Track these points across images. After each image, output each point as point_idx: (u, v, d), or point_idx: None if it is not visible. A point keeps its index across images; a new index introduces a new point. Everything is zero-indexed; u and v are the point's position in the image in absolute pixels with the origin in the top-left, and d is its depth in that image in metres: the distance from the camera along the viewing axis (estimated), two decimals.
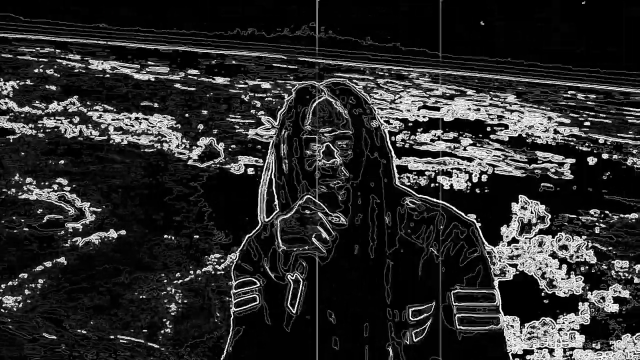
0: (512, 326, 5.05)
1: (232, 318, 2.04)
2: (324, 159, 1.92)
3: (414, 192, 2.07)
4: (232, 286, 2.06)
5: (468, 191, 5.36)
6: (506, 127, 5.58)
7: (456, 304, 1.87)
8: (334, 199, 1.90)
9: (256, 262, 2.02)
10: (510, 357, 1.94)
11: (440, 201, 2.05)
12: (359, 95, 2.05)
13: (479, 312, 1.90)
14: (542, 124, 5.58)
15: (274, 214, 2.01)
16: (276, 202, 2.06)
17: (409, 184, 5.35)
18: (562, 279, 5.19)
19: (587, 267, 5.23)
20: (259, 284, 1.95)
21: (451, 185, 5.35)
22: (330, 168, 1.90)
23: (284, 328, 1.81)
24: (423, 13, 5.51)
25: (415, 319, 1.83)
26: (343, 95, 2.01)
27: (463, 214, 1.99)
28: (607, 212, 5.36)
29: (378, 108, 5.70)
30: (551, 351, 5.05)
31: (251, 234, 2.11)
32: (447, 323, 1.88)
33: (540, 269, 5.21)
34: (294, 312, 1.78)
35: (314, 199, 1.85)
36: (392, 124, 5.47)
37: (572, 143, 5.55)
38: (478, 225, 2.01)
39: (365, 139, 1.97)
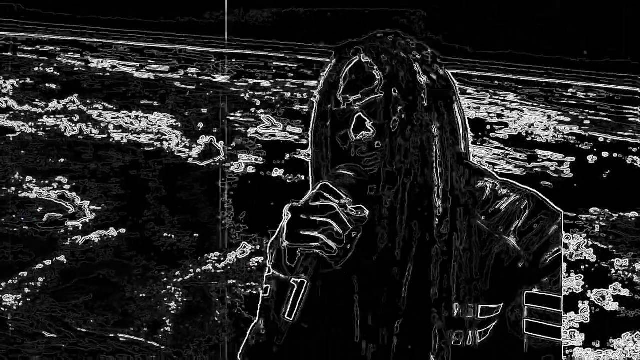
0: None
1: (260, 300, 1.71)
2: (352, 132, 1.58)
3: (490, 172, 1.65)
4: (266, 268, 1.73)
5: None
6: (506, 125, 5.57)
7: (527, 305, 1.58)
8: (362, 184, 1.52)
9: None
10: None
11: (525, 186, 1.66)
12: (405, 45, 1.66)
13: (546, 319, 1.62)
14: (542, 122, 5.58)
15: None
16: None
17: None
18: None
19: (587, 266, 5.23)
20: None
21: None
22: (360, 143, 1.57)
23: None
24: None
25: (482, 317, 1.52)
26: (381, 48, 1.63)
27: (551, 203, 1.60)
28: (607, 210, 5.36)
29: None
30: None
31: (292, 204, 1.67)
32: (509, 328, 1.58)
33: None
34: (290, 319, 1.49)
35: (332, 185, 1.48)
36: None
37: (572, 141, 5.55)
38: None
39: (409, 97, 1.57)
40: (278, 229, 1.59)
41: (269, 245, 1.60)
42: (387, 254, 1.52)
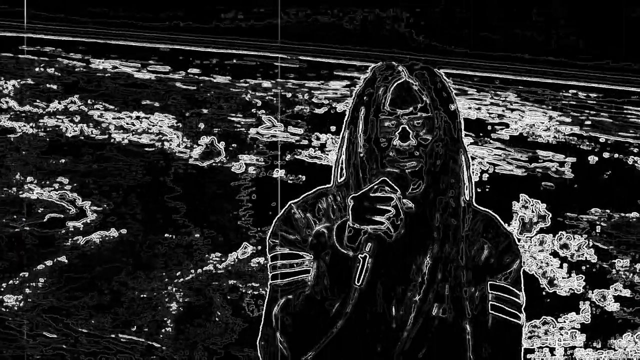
0: None
1: (270, 286, 2.05)
2: (399, 140, 1.95)
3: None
4: (268, 254, 2.07)
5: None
6: (507, 125, 5.58)
7: (491, 292, 2.05)
8: (405, 181, 1.95)
9: (300, 230, 2.05)
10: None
11: (484, 209, 2.20)
12: (440, 77, 2.07)
13: (507, 304, 2.07)
14: (543, 123, 5.58)
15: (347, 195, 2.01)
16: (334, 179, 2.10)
17: None
18: (563, 277, 5.20)
19: (588, 266, 5.23)
20: (307, 258, 2.00)
21: None
22: (405, 150, 1.95)
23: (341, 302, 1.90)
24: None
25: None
26: (422, 77, 2.03)
27: (504, 225, 2.19)
28: (608, 211, 5.36)
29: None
30: (552, 350, 5.05)
31: (295, 200, 2.09)
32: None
33: (541, 267, 5.21)
34: (358, 284, 1.87)
35: (389, 181, 1.89)
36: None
37: (573, 142, 5.55)
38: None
39: (442, 123, 2.00)
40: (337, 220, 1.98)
41: (335, 229, 1.94)
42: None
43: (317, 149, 5.44)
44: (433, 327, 1.97)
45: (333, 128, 5.46)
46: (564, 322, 5.08)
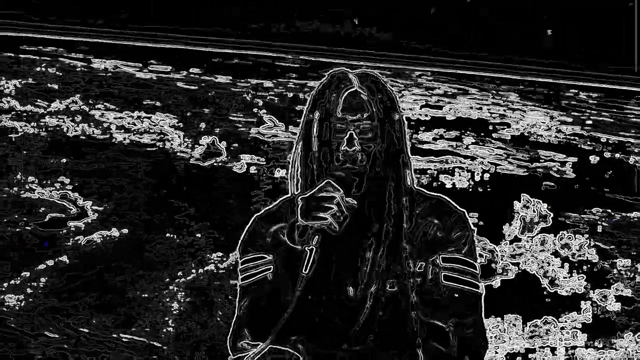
0: (514, 325, 5.05)
1: (238, 291, 2.26)
2: (346, 146, 2.13)
3: (420, 189, 2.32)
4: (239, 262, 2.28)
5: (470, 190, 5.36)
6: (508, 125, 5.58)
7: (442, 264, 2.18)
8: (350, 183, 2.14)
9: (264, 237, 2.26)
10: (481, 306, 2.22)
11: (436, 194, 2.36)
12: (386, 87, 2.25)
13: (461, 274, 2.19)
14: (544, 123, 5.58)
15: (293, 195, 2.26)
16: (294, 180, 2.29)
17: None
18: (564, 277, 5.19)
19: (589, 266, 5.23)
20: (269, 257, 2.21)
21: (453, 184, 5.35)
22: (350, 155, 2.13)
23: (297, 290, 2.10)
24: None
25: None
26: (371, 87, 2.21)
27: (455, 205, 2.30)
28: (609, 210, 5.36)
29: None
30: (553, 350, 5.06)
31: (259, 213, 2.31)
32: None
33: (542, 267, 5.21)
34: (306, 273, 2.08)
35: (332, 182, 2.11)
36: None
37: (574, 142, 5.55)
38: (478, 222, 2.31)
39: (388, 131, 2.19)
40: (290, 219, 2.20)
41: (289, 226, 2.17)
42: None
43: None
44: (382, 303, 2.13)
45: None
46: (566, 321, 5.08)
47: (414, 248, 2.17)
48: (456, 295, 2.16)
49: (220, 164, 5.44)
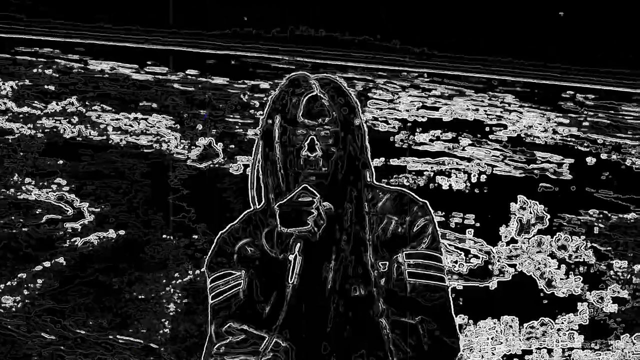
0: (511, 326, 5.05)
1: (210, 310, 2.22)
2: (307, 151, 2.11)
3: (375, 182, 2.27)
4: (207, 282, 2.24)
5: (467, 191, 5.36)
6: (505, 127, 5.58)
7: (406, 261, 2.15)
8: (319, 188, 2.12)
9: (230, 255, 2.21)
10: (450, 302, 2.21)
11: (398, 187, 2.31)
12: (346, 92, 2.21)
13: (426, 269, 2.16)
14: (540, 124, 5.58)
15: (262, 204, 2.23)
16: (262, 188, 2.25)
17: (407, 184, 5.35)
18: (560, 279, 5.20)
19: (585, 267, 5.23)
20: (239, 273, 2.18)
21: (450, 186, 5.36)
22: (312, 161, 2.11)
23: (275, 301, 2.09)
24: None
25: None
26: (332, 91, 2.17)
27: (416, 196, 2.27)
28: (605, 212, 5.36)
29: (377, 108, 5.72)
30: (550, 351, 5.06)
31: (223, 230, 2.26)
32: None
33: (539, 269, 5.21)
34: (292, 283, 2.06)
35: (309, 187, 2.09)
36: (390, 124, 5.47)
37: (570, 143, 5.55)
38: (438, 218, 2.27)
39: (349, 136, 2.16)
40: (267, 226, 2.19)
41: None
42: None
43: None
44: (350, 307, 2.11)
45: None
46: (562, 323, 5.08)
47: (377, 249, 2.16)
48: (422, 291, 2.13)
49: (217, 165, 5.44)
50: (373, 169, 2.25)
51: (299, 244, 2.08)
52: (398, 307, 2.12)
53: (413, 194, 2.23)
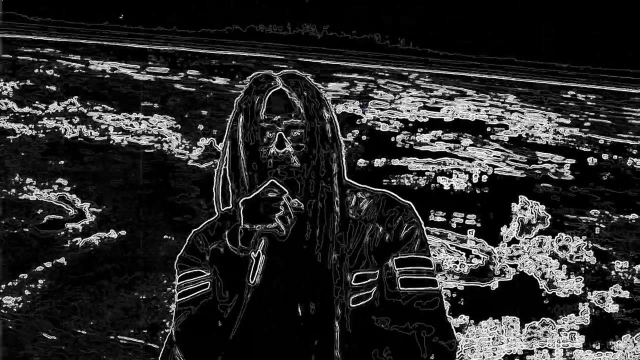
0: (512, 326, 5.05)
1: (175, 308, 2.15)
2: (276, 148, 2.04)
3: (358, 184, 2.20)
4: (176, 279, 2.17)
5: (468, 191, 5.36)
6: (506, 127, 5.58)
7: (398, 268, 2.10)
8: (289, 185, 2.04)
9: (202, 254, 2.15)
10: (448, 317, 2.15)
11: (381, 190, 2.24)
12: (312, 86, 2.16)
13: (418, 274, 2.12)
14: (542, 125, 5.58)
15: (238, 199, 2.10)
16: (230, 187, 2.17)
17: (408, 184, 5.35)
18: (562, 279, 5.20)
19: (587, 268, 5.24)
20: (208, 273, 2.09)
21: (451, 186, 5.36)
22: (281, 157, 2.04)
23: (239, 301, 2.01)
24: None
25: (359, 283, 2.08)
26: (297, 86, 2.12)
27: (400, 199, 2.21)
28: (607, 212, 5.36)
29: (377, 108, 5.71)
30: (551, 351, 5.06)
31: (197, 228, 2.20)
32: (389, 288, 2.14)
33: (540, 269, 5.21)
34: (252, 283, 1.97)
35: (277, 183, 2.00)
36: (391, 124, 5.47)
37: (572, 144, 5.55)
38: (422, 219, 2.23)
39: (317, 130, 2.10)
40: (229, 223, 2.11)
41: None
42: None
43: None
44: (337, 316, 2.04)
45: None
46: (563, 323, 5.08)
47: (364, 257, 2.08)
48: (416, 299, 2.08)
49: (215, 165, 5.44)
50: (344, 165, 2.19)
51: (263, 242, 1.97)
52: (394, 317, 2.08)
53: (396, 196, 2.17)
